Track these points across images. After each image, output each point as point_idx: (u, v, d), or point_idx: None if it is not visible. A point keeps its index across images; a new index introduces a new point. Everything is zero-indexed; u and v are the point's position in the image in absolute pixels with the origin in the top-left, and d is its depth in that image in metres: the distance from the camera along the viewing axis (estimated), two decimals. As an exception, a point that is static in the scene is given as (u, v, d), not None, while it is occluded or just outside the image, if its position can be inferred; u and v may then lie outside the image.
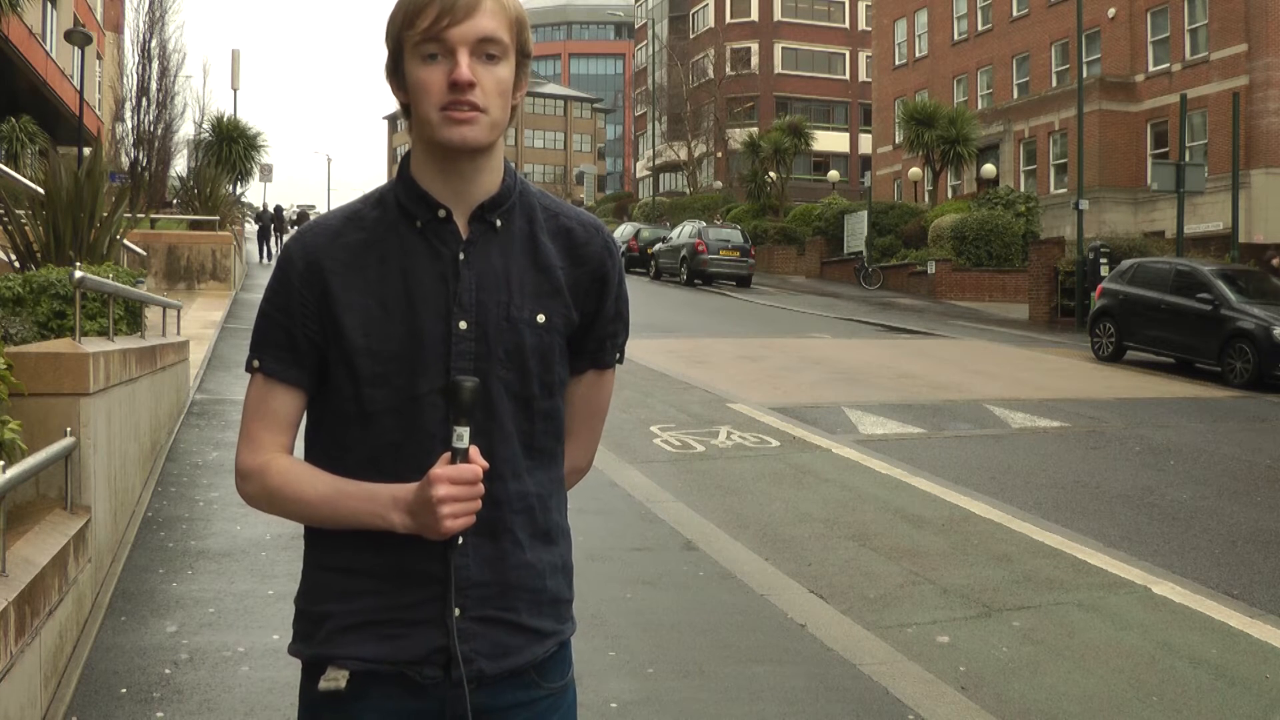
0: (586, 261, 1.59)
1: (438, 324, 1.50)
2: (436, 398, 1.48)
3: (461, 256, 1.52)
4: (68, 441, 4.14)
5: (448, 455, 1.41)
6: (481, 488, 1.42)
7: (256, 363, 1.55)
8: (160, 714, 3.63)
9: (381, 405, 1.50)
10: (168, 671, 3.96)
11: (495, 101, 1.47)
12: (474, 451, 1.42)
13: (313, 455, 1.56)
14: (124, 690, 3.80)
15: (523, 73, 1.53)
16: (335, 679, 1.49)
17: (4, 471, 3.24)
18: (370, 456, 1.50)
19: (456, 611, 1.48)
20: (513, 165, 1.61)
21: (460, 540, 1.47)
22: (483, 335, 1.51)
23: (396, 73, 1.52)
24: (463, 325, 1.50)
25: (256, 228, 35.97)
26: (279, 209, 37.59)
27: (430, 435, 1.48)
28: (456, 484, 1.40)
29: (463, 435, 1.41)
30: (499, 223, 1.55)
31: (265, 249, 32.90)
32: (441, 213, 1.53)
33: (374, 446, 1.51)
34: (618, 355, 1.67)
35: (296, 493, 1.51)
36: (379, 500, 1.46)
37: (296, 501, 1.51)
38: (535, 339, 1.53)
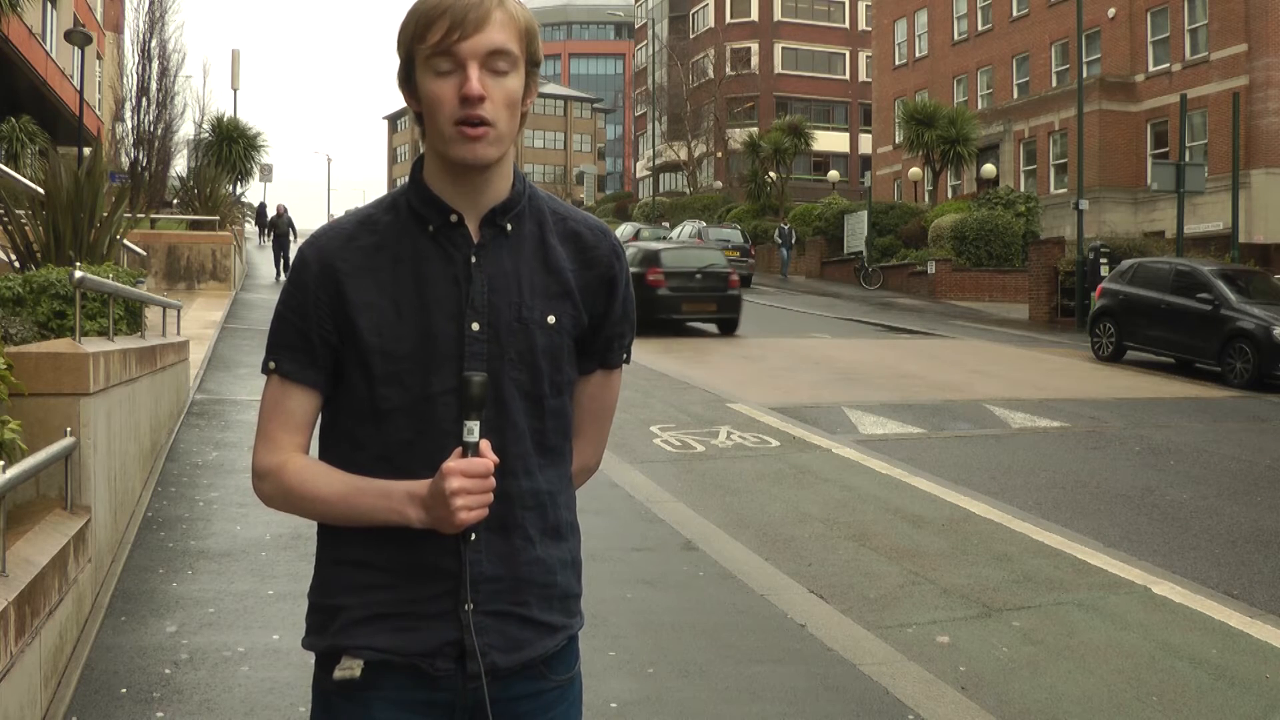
0: (595, 264, 1.62)
1: (450, 325, 1.53)
2: (450, 397, 1.51)
3: (473, 260, 1.55)
4: (68, 441, 4.14)
5: (460, 450, 1.44)
6: (493, 481, 1.45)
7: (273, 364, 1.58)
8: (160, 714, 3.63)
9: (395, 404, 1.52)
10: (168, 671, 3.96)
11: (504, 114, 1.50)
12: (485, 445, 1.45)
13: (326, 453, 1.59)
14: (124, 690, 3.80)
15: (532, 81, 1.56)
16: (350, 668, 1.53)
17: (4, 471, 3.24)
18: (383, 454, 1.53)
19: (470, 606, 1.51)
20: (521, 170, 1.63)
21: (474, 535, 1.50)
22: (495, 336, 1.54)
23: (409, 82, 1.55)
24: (475, 326, 1.53)
25: (270, 237, 29.43)
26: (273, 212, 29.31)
27: (444, 433, 1.50)
28: (469, 477, 1.42)
29: (473, 430, 1.44)
30: (509, 226, 1.58)
31: (282, 260, 26.66)
32: (453, 217, 1.56)
33: (387, 444, 1.53)
34: (625, 355, 1.71)
35: (313, 491, 1.53)
36: (394, 496, 1.49)
37: (313, 500, 1.54)
38: (546, 339, 1.57)
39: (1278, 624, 5.21)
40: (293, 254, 27.21)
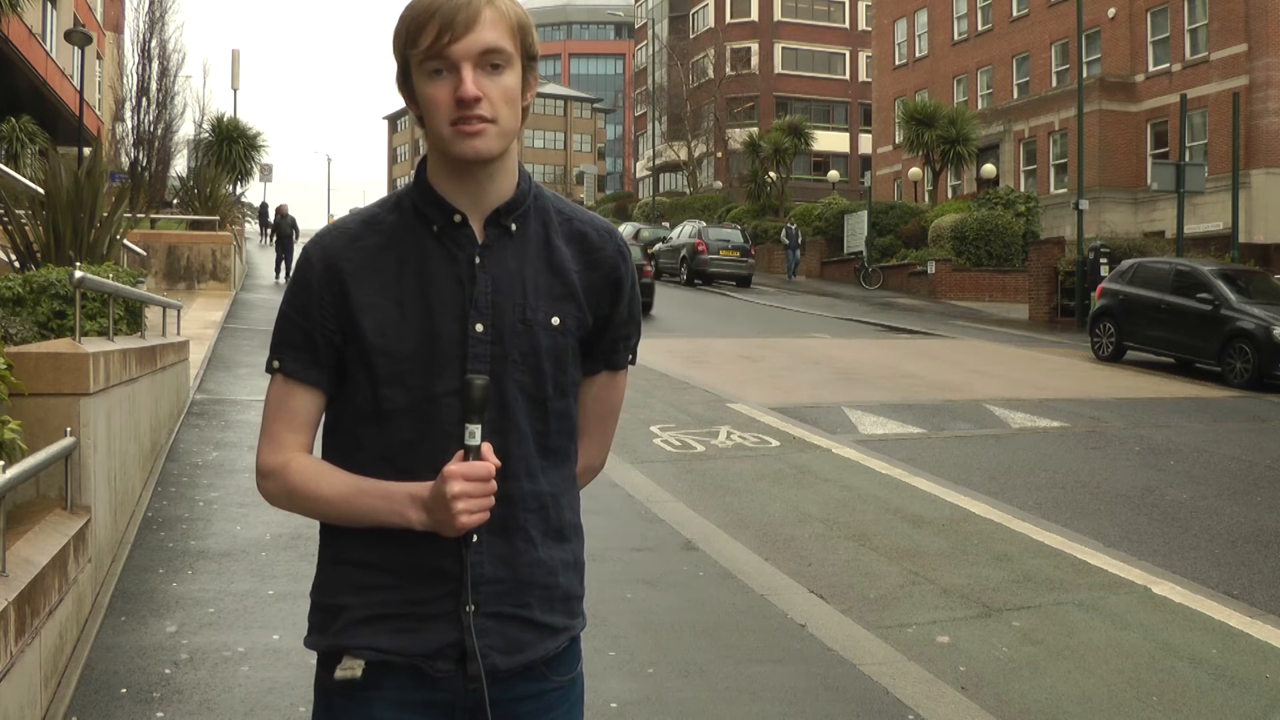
0: (600, 265, 1.61)
1: (454, 326, 1.52)
2: (452, 398, 1.50)
3: (477, 260, 1.55)
4: (68, 441, 4.14)
5: (461, 453, 1.44)
6: (494, 484, 1.44)
7: (276, 363, 1.58)
8: (160, 714, 3.63)
9: (397, 404, 1.52)
10: (168, 671, 3.96)
11: (504, 110, 1.50)
12: (486, 448, 1.45)
13: (329, 452, 1.59)
14: (124, 690, 3.80)
15: (530, 75, 1.55)
16: (351, 668, 1.52)
17: (4, 471, 3.24)
18: (385, 454, 1.53)
19: (471, 607, 1.51)
20: (527, 170, 1.62)
21: (475, 537, 1.50)
22: (499, 337, 1.53)
23: (407, 85, 1.54)
24: (479, 328, 1.53)
25: (273, 239, 27.80)
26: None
27: (446, 435, 1.50)
28: (470, 480, 1.42)
29: (474, 433, 1.44)
30: (514, 227, 1.57)
31: (284, 263, 25.38)
32: (457, 217, 1.55)
33: (389, 445, 1.53)
34: (630, 356, 1.70)
35: (315, 491, 1.53)
36: (396, 498, 1.49)
37: (315, 499, 1.54)
38: (550, 341, 1.56)
39: (1278, 624, 5.21)
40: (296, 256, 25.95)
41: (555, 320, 1.56)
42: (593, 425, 1.71)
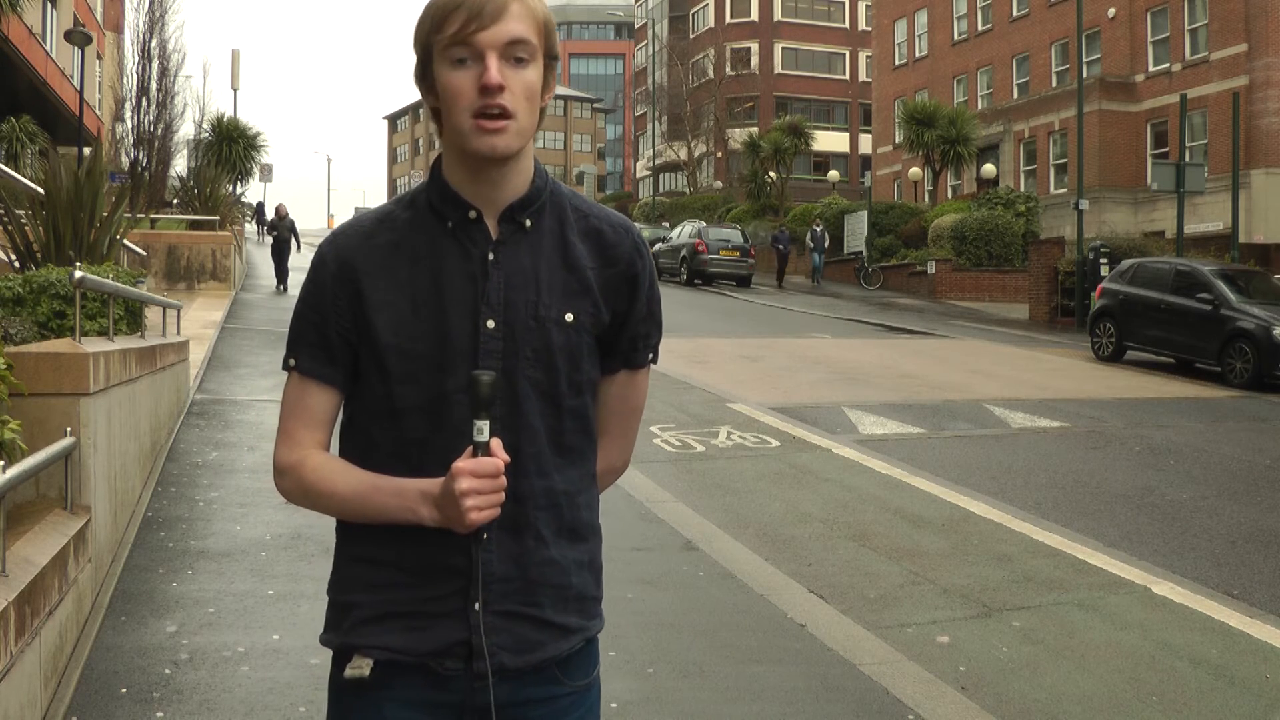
0: (617, 262, 1.60)
1: (466, 323, 1.52)
2: (465, 395, 1.49)
3: (491, 256, 1.54)
4: (68, 441, 4.14)
5: (471, 449, 1.43)
6: (504, 480, 1.43)
7: (292, 361, 1.58)
8: (160, 714, 3.63)
9: (410, 402, 1.52)
10: (168, 671, 3.96)
11: (523, 106, 1.48)
12: (495, 444, 1.43)
13: (346, 449, 1.59)
14: (124, 690, 3.80)
15: (550, 75, 1.54)
16: (360, 667, 1.52)
17: (4, 471, 3.24)
18: (397, 451, 1.53)
19: (479, 605, 1.50)
20: (544, 166, 1.61)
21: (485, 535, 1.49)
22: (510, 334, 1.52)
23: (426, 77, 1.53)
24: (490, 324, 1.52)
25: (270, 240, 24.87)
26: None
27: (458, 432, 1.49)
28: (478, 476, 1.41)
29: (483, 429, 1.43)
30: (529, 223, 1.56)
31: (282, 269, 22.80)
32: (472, 214, 1.54)
33: (401, 442, 1.53)
34: (651, 355, 1.68)
35: (330, 488, 1.53)
36: (407, 495, 1.48)
37: (330, 496, 1.53)
38: (563, 338, 1.55)
39: (1278, 624, 5.21)
40: (291, 263, 25.07)
41: (569, 316, 1.55)
42: (613, 425, 1.69)
